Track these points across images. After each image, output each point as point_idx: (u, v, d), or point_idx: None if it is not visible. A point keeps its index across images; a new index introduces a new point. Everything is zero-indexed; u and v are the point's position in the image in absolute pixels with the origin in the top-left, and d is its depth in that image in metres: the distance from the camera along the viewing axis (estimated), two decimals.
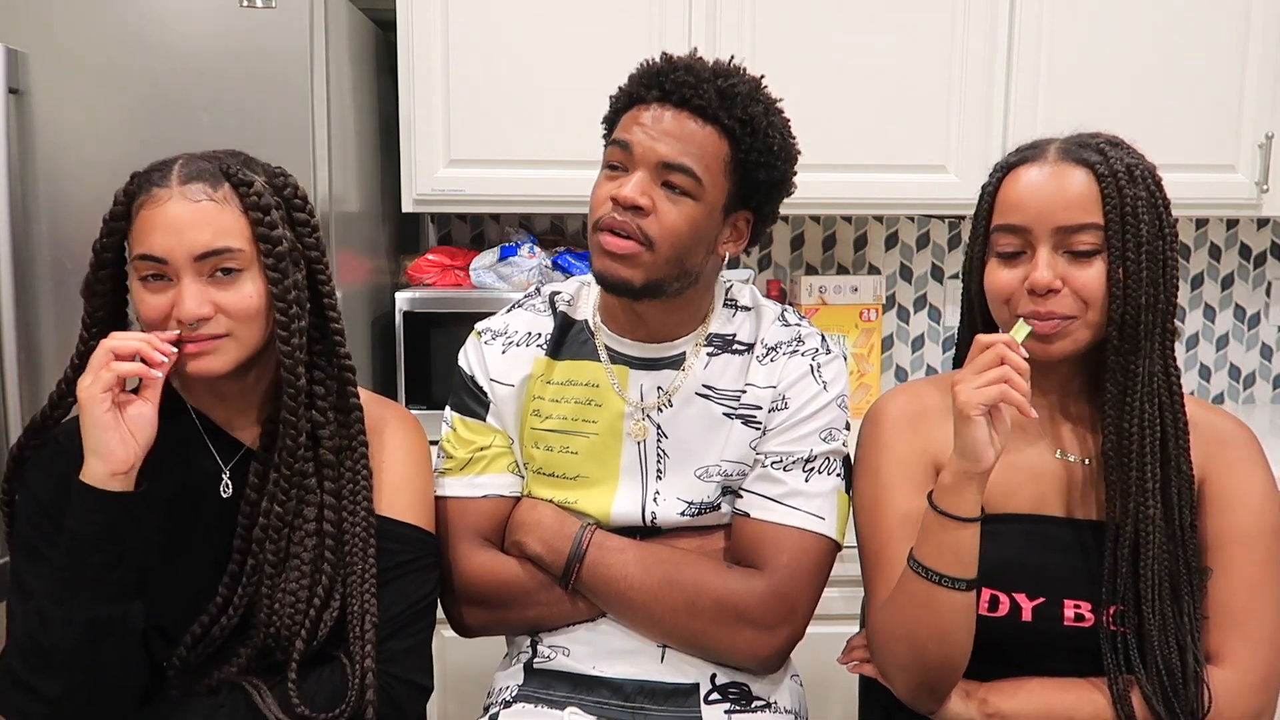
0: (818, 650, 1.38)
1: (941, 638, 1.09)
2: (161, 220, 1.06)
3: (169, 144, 1.83)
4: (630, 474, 1.29)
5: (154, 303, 1.07)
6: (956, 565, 1.07)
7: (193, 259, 1.06)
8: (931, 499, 1.09)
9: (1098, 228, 1.10)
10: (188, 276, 1.06)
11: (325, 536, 1.13)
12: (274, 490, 1.12)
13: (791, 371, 1.28)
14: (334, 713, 1.08)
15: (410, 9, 2.11)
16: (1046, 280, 1.10)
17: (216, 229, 1.07)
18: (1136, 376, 1.11)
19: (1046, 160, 1.14)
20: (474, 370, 1.33)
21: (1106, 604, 1.12)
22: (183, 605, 1.12)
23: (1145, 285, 1.09)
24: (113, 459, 1.03)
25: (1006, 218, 1.15)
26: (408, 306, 2.14)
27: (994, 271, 1.16)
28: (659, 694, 1.26)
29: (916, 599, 1.09)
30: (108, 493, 1.03)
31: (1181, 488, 1.12)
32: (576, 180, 2.01)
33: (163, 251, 1.06)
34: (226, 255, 1.07)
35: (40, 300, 1.83)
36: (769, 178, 1.24)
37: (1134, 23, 2.21)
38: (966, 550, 1.07)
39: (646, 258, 1.20)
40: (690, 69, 1.21)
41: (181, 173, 1.09)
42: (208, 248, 1.06)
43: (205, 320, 1.07)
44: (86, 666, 1.04)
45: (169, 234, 1.06)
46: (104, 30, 1.80)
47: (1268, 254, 2.68)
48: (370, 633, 1.11)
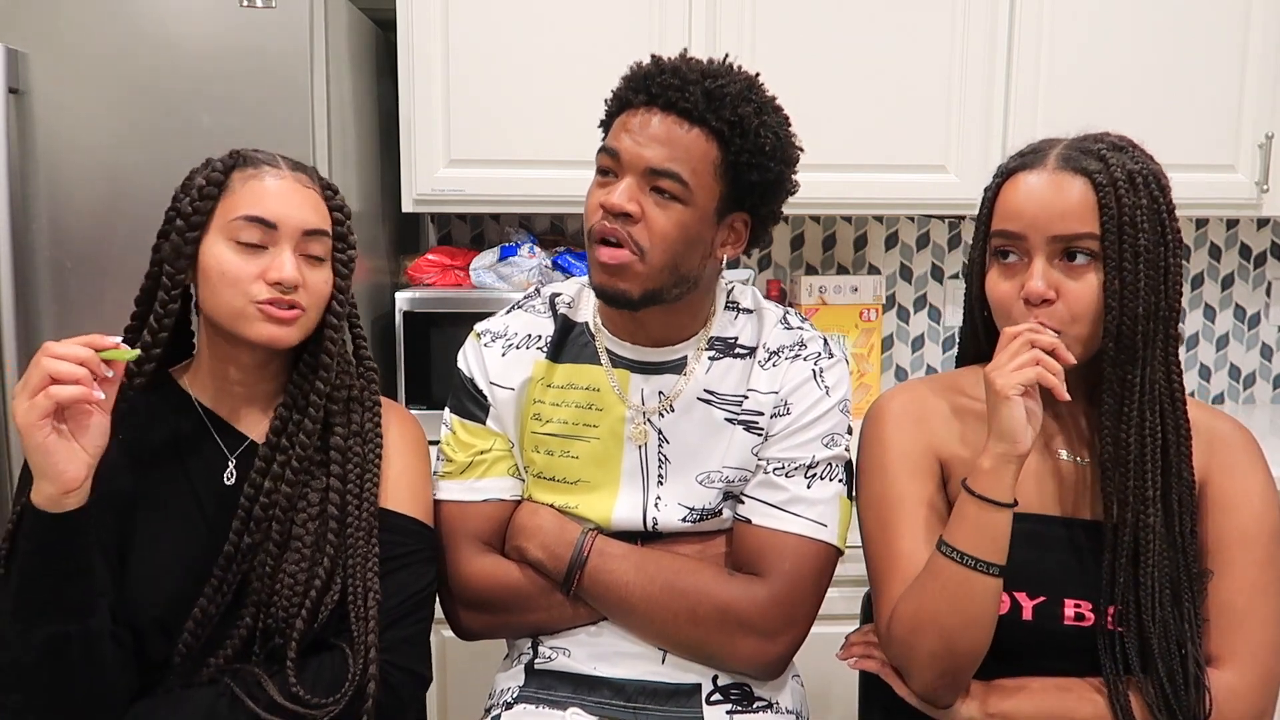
0: (819, 651, 1.38)
1: (972, 623, 1.09)
2: (278, 191, 1.14)
3: (169, 144, 1.85)
4: (631, 479, 1.29)
5: (245, 265, 1.12)
6: (993, 550, 1.08)
7: (301, 232, 1.14)
8: (967, 485, 1.09)
9: (1094, 237, 1.10)
10: (289, 245, 1.13)
11: (329, 520, 1.15)
12: (280, 471, 1.15)
13: (794, 377, 1.27)
14: (333, 698, 1.09)
15: (410, 9, 2.11)
16: (1039, 291, 1.10)
17: (321, 215, 1.17)
18: (1134, 386, 1.10)
19: (1045, 168, 1.14)
20: (473, 373, 1.33)
21: (1106, 604, 1.12)
22: (183, 595, 1.13)
23: (1144, 294, 1.09)
24: (62, 479, 1.00)
25: (1004, 224, 1.15)
26: (407, 306, 2.14)
27: (993, 279, 1.17)
28: (660, 694, 1.26)
29: (949, 585, 1.09)
30: (56, 515, 1.01)
31: (1182, 494, 1.12)
32: (576, 180, 2.00)
33: (276, 218, 1.13)
34: (323, 238, 1.17)
35: (40, 300, 1.83)
36: (762, 179, 1.22)
37: (1134, 23, 2.21)
38: (1002, 535, 1.08)
39: (640, 267, 1.19)
40: (677, 71, 1.19)
41: (287, 161, 1.19)
42: (315, 226, 1.15)
43: (296, 289, 1.13)
44: (48, 680, 1.04)
45: (285, 205, 1.14)
46: (104, 30, 1.80)
47: (1268, 254, 2.68)
48: (374, 616, 1.12)
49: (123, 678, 1.10)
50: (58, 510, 1.01)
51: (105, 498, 1.14)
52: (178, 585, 1.13)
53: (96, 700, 1.07)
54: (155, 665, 1.13)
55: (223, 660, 1.13)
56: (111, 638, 1.09)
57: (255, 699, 1.08)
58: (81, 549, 1.04)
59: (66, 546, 1.03)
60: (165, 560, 1.14)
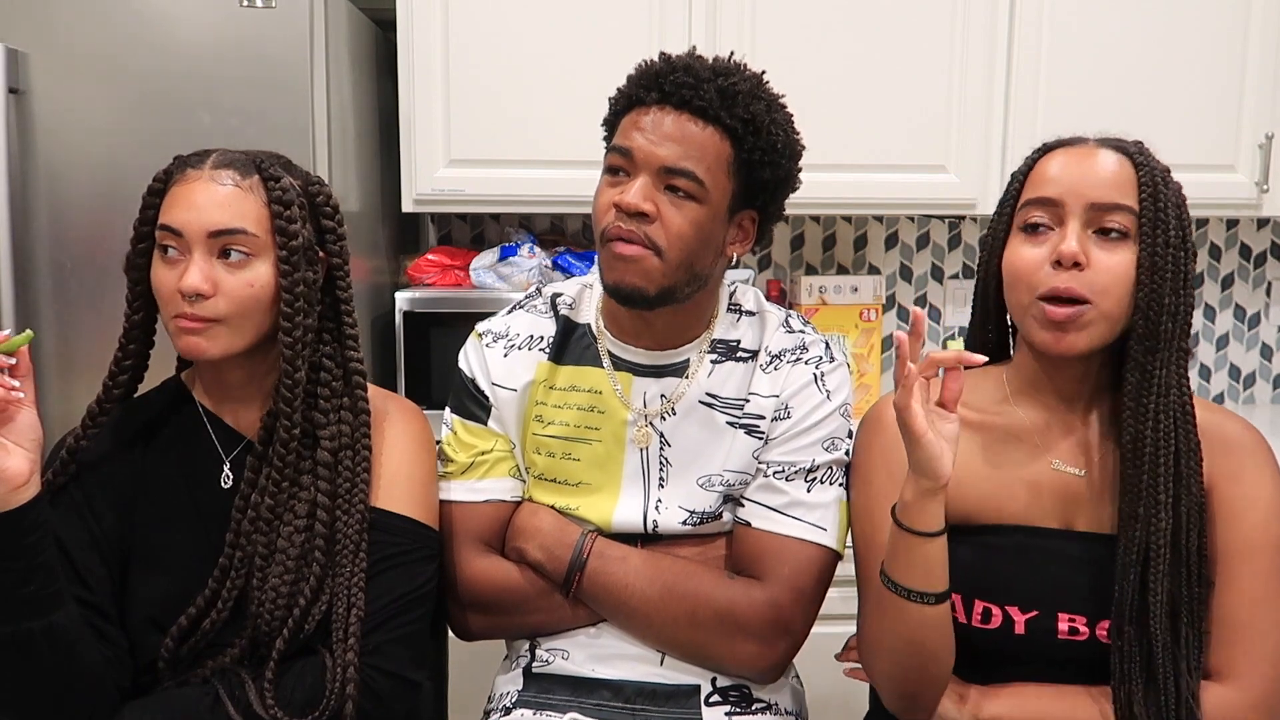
0: (819, 651, 1.38)
1: (916, 650, 1.09)
2: (186, 196, 1.11)
3: (169, 144, 1.83)
4: (633, 481, 1.29)
5: (164, 275, 1.11)
6: (925, 580, 1.07)
7: (206, 235, 1.10)
8: (895, 514, 1.08)
9: (1130, 211, 1.08)
10: (198, 252, 1.10)
11: (316, 535, 1.13)
12: (265, 484, 1.13)
13: (795, 380, 1.27)
14: (310, 715, 1.08)
15: (410, 9, 2.11)
16: (1073, 251, 1.07)
17: (235, 212, 1.11)
18: (1153, 378, 1.08)
19: (1088, 144, 1.14)
20: (475, 373, 1.33)
21: (1099, 618, 1.10)
22: (179, 595, 1.13)
23: (1169, 285, 1.07)
24: (5, 476, 1.00)
25: (1040, 190, 1.12)
26: (408, 306, 2.14)
27: (1016, 249, 1.13)
28: (659, 695, 1.26)
29: (892, 613, 1.09)
30: (6, 514, 1.01)
31: (1191, 508, 1.09)
32: (576, 180, 2.01)
33: (179, 224, 1.10)
34: (239, 236, 1.10)
35: (40, 300, 1.83)
36: (773, 176, 1.23)
37: (1134, 23, 2.21)
38: (935, 564, 1.06)
39: (656, 264, 1.18)
40: (689, 69, 1.19)
41: (217, 159, 1.14)
42: (220, 226, 1.10)
43: (205, 298, 1.09)
44: (16, 677, 1.04)
45: (190, 209, 1.10)
46: (104, 30, 1.80)
47: (1268, 254, 2.68)
48: (355, 629, 1.11)
49: (110, 675, 1.10)
50: (9, 508, 1.01)
51: (105, 497, 1.15)
52: (174, 586, 1.13)
53: (73, 696, 1.07)
54: (153, 665, 1.13)
55: (215, 664, 1.13)
56: (100, 635, 1.09)
57: (236, 702, 1.08)
58: (38, 545, 1.03)
59: (22, 544, 1.02)
60: (162, 560, 1.14)
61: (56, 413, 1.80)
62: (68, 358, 1.84)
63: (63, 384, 1.84)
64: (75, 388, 1.83)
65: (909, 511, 1.06)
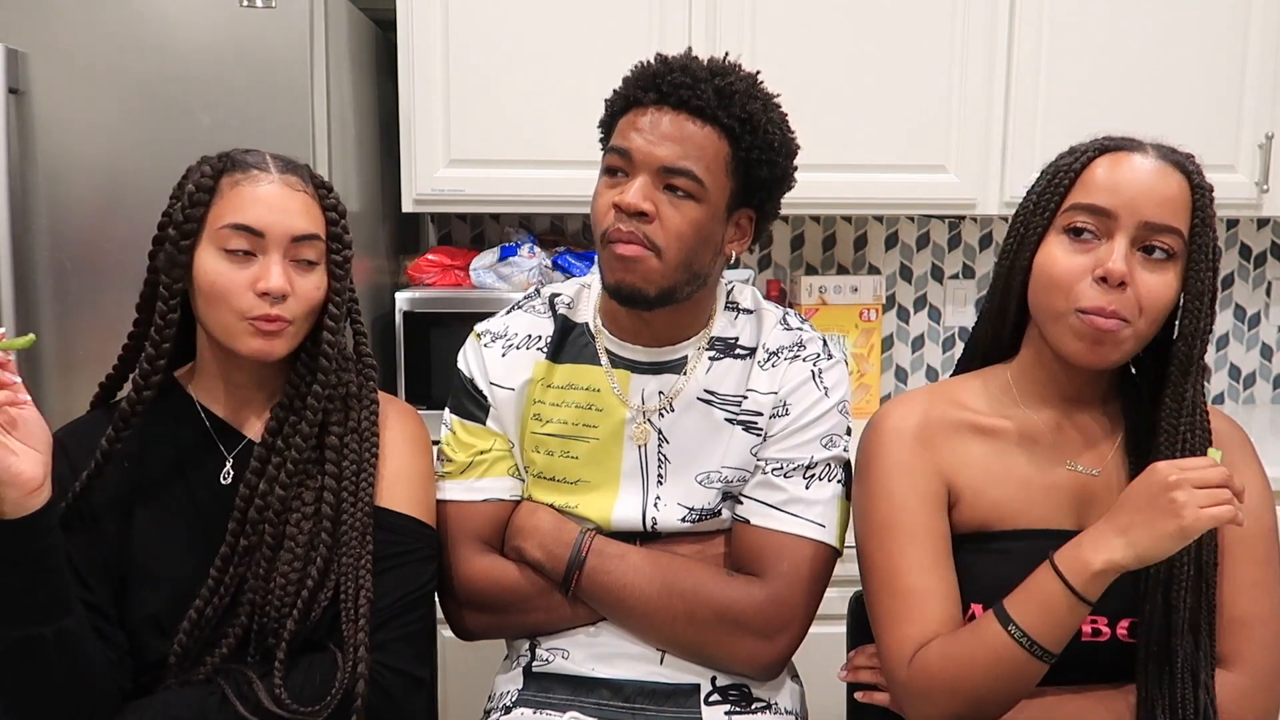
0: (818, 651, 1.38)
1: (1008, 695, 1.06)
2: (265, 197, 1.12)
3: (168, 144, 1.85)
4: (631, 479, 1.29)
5: (232, 274, 1.11)
6: (1057, 640, 1.02)
7: (289, 239, 1.12)
8: (1062, 573, 1.01)
9: (1180, 235, 1.07)
10: (277, 253, 1.11)
11: (323, 519, 1.14)
12: (275, 473, 1.14)
13: (793, 377, 1.27)
14: (320, 704, 1.08)
15: (410, 9, 2.11)
16: (1121, 272, 1.05)
17: (312, 218, 1.14)
18: (1185, 398, 1.09)
19: (1147, 154, 1.11)
20: (473, 373, 1.33)
21: (1120, 618, 1.10)
22: (180, 595, 1.13)
23: (1207, 308, 1.08)
24: (20, 480, 0.99)
25: (1093, 197, 1.09)
26: (407, 306, 2.14)
27: (1055, 253, 1.10)
28: (659, 695, 1.26)
29: (999, 660, 1.03)
30: (16, 521, 1.00)
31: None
32: (576, 180, 2.01)
33: (263, 226, 1.11)
34: (315, 242, 1.14)
35: (40, 300, 1.83)
36: (770, 174, 1.23)
37: (1134, 23, 2.21)
38: (1074, 627, 1.03)
39: (656, 264, 1.19)
40: (686, 69, 1.20)
41: (277, 162, 1.15)
42: (303, 231, 1.13)
43: (285, 299, 1.11)
44: (25, 683, 1.04)
45: (272, 211, 1.11)
46: (104, 30, 1.80)
47: (1268, 254, 2.68)
48: (365, 615, 1.11)
49: (112, 676, 1.10)
50: (23, 513, 1.00)
51: (105, 499, 1.14)
52: (175, 585, 1.13)
53: (80, 699, 1.07)
54: (153, 665, 1.13)
55: (219, 659, 1.12)
56: (101, 636, 1.09)
57: (244, 700, 1.08)
58: (49, 550, 1.03)
59: (35, 549, 1.02)
60: (163, 560, 1.14)
61: (56, 413, 1.80)
62: (68, 358, 1.84)
63: (63, 384, 1.84)
64: (75, 388, 1.83)
65: (1089, 580, 1.00)
